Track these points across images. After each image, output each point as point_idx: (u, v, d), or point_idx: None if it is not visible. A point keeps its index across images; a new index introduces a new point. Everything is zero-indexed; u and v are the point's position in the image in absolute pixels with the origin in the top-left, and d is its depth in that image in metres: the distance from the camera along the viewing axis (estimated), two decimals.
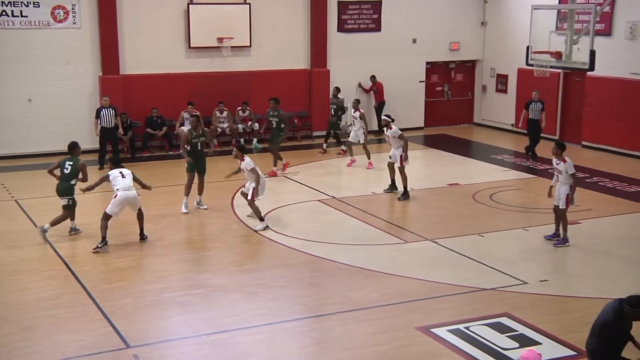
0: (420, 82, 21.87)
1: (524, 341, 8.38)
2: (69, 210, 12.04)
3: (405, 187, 14.27)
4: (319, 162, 17.83)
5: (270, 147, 16.55)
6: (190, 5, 18.86)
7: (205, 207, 13.72)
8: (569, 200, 11.50)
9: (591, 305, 9.29)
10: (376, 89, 20.77)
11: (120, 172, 11.76)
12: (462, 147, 19.71)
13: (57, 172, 12.08)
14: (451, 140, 20.65)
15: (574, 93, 19.65)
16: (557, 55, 15.90)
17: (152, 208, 13.85)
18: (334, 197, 14.49)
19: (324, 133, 19.35)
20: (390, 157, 14.53)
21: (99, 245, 11.44)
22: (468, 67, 22.70)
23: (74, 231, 12.17)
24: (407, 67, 21.45)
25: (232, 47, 19.18)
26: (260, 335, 8.66)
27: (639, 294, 6.63)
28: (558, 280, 10.46)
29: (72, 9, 18.03)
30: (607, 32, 18.09)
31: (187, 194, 13.59)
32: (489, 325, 8.79)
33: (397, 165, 14.31)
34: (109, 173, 11.90)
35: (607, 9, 17.57)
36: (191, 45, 19.06)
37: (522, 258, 11.21)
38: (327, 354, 8.21)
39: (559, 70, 18.82)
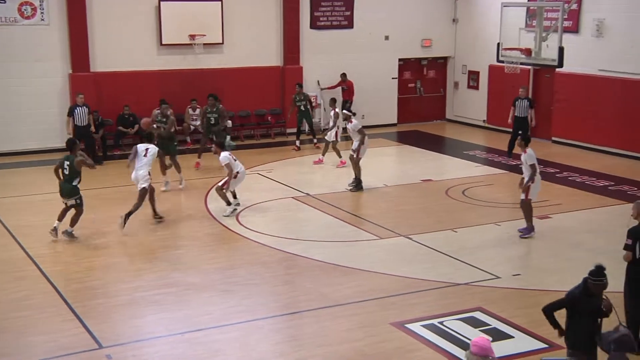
0: (392, 78, 21.95)
1: (497, 335, 8.48)
2: (80, 208, 11.82)
3: (358, 177, 14.53)
4: (292, 160, 17.81)
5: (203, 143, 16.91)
6: (161, 2, 18.72)
7: (182, 185, 14.54)
8: (527, 191, 11.69)
9: None
10: (346, 87, 20.74)
11: (146, 149, 12.27)
12: (435, 143, 19.83)
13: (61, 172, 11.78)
14: (424, 137, 20.77)
15: (543, 89, 19.87)
16: (527, 52, 16.05)
17: (123, 207, 13.76)
18: (308, 194, 14.49)
19: (297, 130, 19.34)
20: (352, 151, 14.65)
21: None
22: (440, 64, 22.84)
23: (54, 232, 11.78)
24: (379, 64, 21.53)
25: (204, 44, 19.09)
26: (235, 333, 8.64)
27: (598, 264, 6.79)
28: (530, 274, 10.57)
29: (40, 5, 17.77)
30: (574, 30, 18.31)
31: (163, 173, 14.56)
32: (463, 319, 8.88)
33: (354, 155, 14.43)
34: (137, 146, 12.49)
35: (574, 6, 17.77)
36: (163, 42, 18.93)
37: (495, 253, 11.32)
38: (302, 350, 8.22)
39: (529, 67, 19.01)
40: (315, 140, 18.74)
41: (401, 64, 22.12)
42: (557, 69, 17.29)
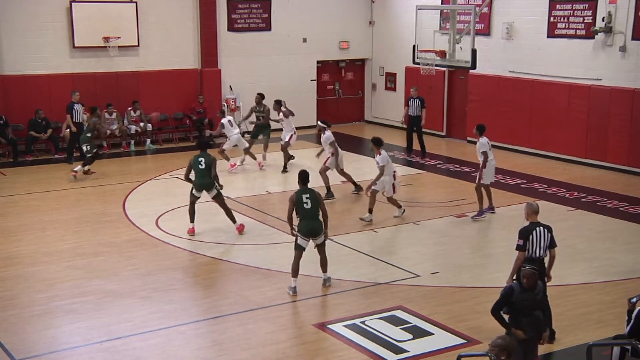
0: (311, 80, 22.06)
1: (418, 332, 8.64)
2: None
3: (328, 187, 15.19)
4: None
5: None
6: (72, 3, 18.21)
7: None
8: (481, 176, 13.12)
9: (479, 295, 9.71)
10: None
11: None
12: (354, 145, 20.02)
13: None
14: (343, 138, 20.87)
15: (458, 90, 20.38)
16: (442, 54, 16.45)
17: (39, 214, 13.34)
18: (228, 197, 14.37)
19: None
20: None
21: None
22: (358, 66, 23.10)
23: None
24: (298, 66, 21.59)
25: (119, 46, 18.67)
26: (156, 340, 8.49)
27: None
28: (448, 272, 10.81)
29: None
30: (486, 32, 18.88)
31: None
32: (384, 318, 9.00)
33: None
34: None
35: (485, 9, 18.35)
36: (75, 45, 18.41)
37: (414, 252, 11.54)
38: (225, 355, 8.16)
39: (444, 69, 19.47)
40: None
41: (319, 66, 22.26)
42: (471, 71, 17.81)
